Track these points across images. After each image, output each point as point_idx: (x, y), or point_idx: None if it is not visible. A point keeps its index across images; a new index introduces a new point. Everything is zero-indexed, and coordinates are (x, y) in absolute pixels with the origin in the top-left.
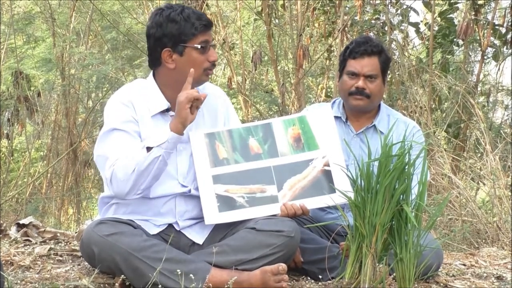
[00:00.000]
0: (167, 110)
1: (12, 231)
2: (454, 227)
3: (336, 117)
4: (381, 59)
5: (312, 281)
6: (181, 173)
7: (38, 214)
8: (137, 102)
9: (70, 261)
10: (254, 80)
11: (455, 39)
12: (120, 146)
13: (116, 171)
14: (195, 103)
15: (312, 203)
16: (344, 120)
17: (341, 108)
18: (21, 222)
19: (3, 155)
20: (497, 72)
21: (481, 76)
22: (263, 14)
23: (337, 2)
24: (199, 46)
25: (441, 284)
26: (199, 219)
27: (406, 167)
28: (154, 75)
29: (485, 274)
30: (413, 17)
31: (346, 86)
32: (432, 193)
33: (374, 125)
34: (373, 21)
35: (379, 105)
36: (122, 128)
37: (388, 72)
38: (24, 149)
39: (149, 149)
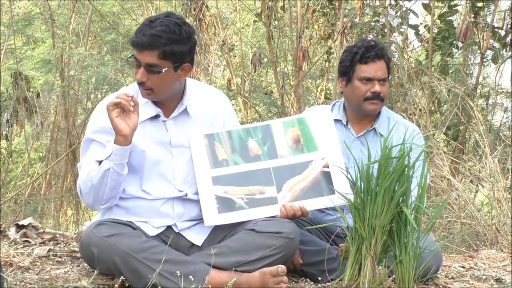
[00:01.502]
0: (157, 116)
1: (11, 232)
2: (453, 229)
3: (336, 120)
4: (386, 61)
5: (312, 283)
6: (178, 178)
7: (37, 215)
8: None
9: (70, 262)
10: (253, 81)
11: (454, 42)
12: (92, 160)
13: (80, 184)
14: (121, 108)
15: (312, 205)
16: (345, 123)
17: (342, 111)
18: (20, 223)
19: (2, 156)
20: (496, 75)
21: (480, 78)
22: (262, 16)
23: (336, 4)
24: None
25: (440, 286)
26: (198, 220)
27: (406, 169)
28: None
29: (484, 277)
30: (412, 20)
31: (360, 92)
32: (431, 195)
33: (375, 128)
34: (372, 23)
35: None
36: (99, 139)
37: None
38: (23, 150)
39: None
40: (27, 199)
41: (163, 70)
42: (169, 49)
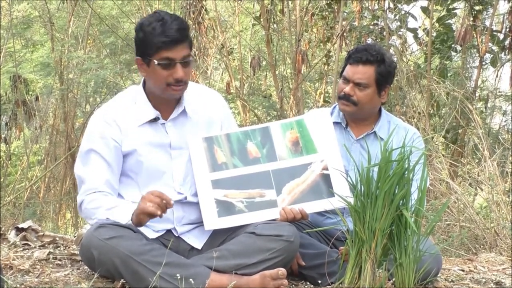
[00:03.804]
0: (156, 118)
1: (11, 235)
2: (452, 232)
3: (336, 123)
4: (378, 70)
5: (312, 286)
6: (177, 180)
7: (35, 218)
8: (121, 118)
9: (69, 265)
10: (252, 85)
11: (453, 45)
12: (94, 173)
13: (84, 205)
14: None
15: (311, 208)
16: (344, 126)
17: (341, 114)
18: (20, 226)
19: (1, 159)
20: (495, 78)
21: (479, 81)
22: (261, 19)
23: (335, 7)
24: (156, 62)
25: None
26: (198, 223)
27: (406, 172)
28: (144, 80)
29: (483, 280)
30: (411, 23)
31: (338, 90)
32: (430, 198)
33: (375, 132)
34: (371, 27)
35: (380, 112)
36: (99, 150)
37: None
38: (22, 153)
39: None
40: (26, 202)
41: (191, 59)
42: (190, 38)
